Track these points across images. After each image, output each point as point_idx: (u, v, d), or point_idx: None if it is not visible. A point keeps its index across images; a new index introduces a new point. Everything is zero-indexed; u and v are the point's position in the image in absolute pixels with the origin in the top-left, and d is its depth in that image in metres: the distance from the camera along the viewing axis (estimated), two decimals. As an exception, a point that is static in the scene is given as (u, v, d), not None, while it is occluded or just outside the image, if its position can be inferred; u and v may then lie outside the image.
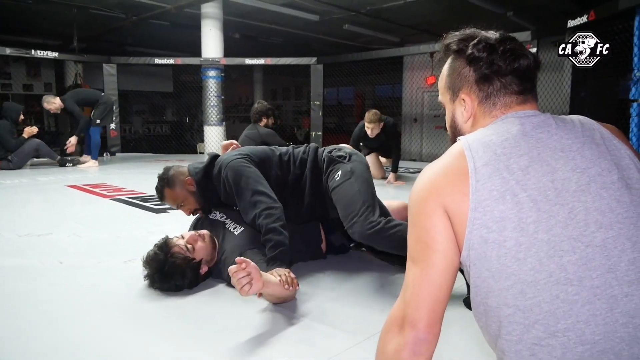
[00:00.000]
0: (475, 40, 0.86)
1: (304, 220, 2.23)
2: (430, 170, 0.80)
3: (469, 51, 0.85)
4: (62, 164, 6.18)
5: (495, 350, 0.75)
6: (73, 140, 6.06)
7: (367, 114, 4.67)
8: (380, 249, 1.99)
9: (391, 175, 4.97)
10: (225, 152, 2.30)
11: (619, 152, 0.76)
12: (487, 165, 0.74)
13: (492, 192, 0.72)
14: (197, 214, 2.20)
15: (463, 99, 0.88)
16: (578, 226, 0.69)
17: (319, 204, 2.18)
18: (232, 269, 1.43)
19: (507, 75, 0.84)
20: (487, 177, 0.73)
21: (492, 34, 0.87)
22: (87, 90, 7.12)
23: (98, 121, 6.24)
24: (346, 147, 2.29)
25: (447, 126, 0.96)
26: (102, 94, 6.62)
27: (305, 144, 2.32)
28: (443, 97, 0.95)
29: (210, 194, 2.14)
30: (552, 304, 0.67)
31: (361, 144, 4.99)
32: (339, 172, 2.07)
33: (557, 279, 0.67)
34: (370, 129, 4.61)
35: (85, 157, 6.47)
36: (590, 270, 0.67)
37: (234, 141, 2.45)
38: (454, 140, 0.91)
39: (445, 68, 0.92)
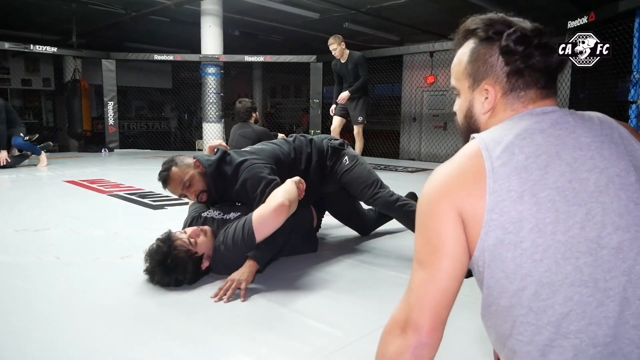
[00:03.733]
0: (510, 30, 0.80)
1: (311, 201, 2.46)
2: (443, 172, 0.77)
3: (504, 42, 0.80)
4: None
5: (504, 349, 0.74)
6: (3, 154, 5.51)
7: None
8: (396, 218, 2.47)
9: (344, 92, 5.34)
10: (212, 152, 2.31)
11: (637, 152, 0.74)
12: (505, 165, 0.72)
13: (510, 192, 0.70)
14: (202, 198, 2.17)
15: (486, 89, 0.83)
16: (595, 227, 0.68)
17: (321, 185, 2.49)
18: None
19: (539, 70, 0.80)
20: (505, 177, 0.71)
21: (526, 23, 0.82)
22: None
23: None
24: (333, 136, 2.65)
25: (461, 115, 0.90)
26: None
27: (296, 135, 2.52)
28: (459, 83, 0.89)
29: (219, 187, 2.16)
30: (566, 305, 0.66)
31: (334, 106, 5.53)
32: (346, 157, 2.45)
33: (573, 280, 0.67)
34: (334, 51, 5.29)
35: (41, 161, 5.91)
36: (605, 272, 0.66)
37: (222, 142, 2.47)
38: (466, 130, 0.89)
39: (466, 53, 0.86)
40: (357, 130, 5.51)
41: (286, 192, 1.89)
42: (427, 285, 0.74)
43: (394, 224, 2.69)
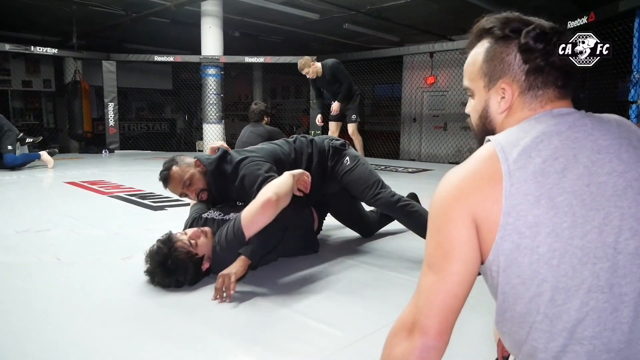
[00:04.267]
0: (529, 28, 0.79)
1: (312, 202, 2.46)
2: (457, 175, 0.76)
3: (523, 40, 0.78)
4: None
5: (520, 355, 0.74)
6: None
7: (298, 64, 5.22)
8: (397, 218, 2.42)
9: (335, 104, 5.28)
10: (213, 153, 2.31)
11: None
12: (522, 169, 0.71)
13: (527, 196, 0.69)
14: (202, 197, 2.17)
15: (503, 88, 0.82)
16: (612, 232, 0.67)
17: (323, 185, 2.47)
18: None
19: (559, 68, 0.79)
20: (522, 181, 0.70)
21: (544, 22, 0.81)
22: None
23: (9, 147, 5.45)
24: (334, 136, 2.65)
25: (475, 116, 0.89)
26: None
27: (297, 136, 2.53)
28: (474, 83, 0.87)
29: (219, 186, 2.16)
30: (581, 311, 0.66)
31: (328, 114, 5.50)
32: (347, 158, 2.44)
33: (590, 286, 0.66)
34: (308, 73, 5.18)
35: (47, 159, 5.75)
36: (620, 278, 0.66)
37: (223, 143, 2.48)
38: (481, 132, 0.87)
39: (480, 52, 0.85)
40: (351, 129, 5.47)
41: (276, 186, 1.89)
42: (437, 288, 0.74)
43: (395, 225, 2.69)
